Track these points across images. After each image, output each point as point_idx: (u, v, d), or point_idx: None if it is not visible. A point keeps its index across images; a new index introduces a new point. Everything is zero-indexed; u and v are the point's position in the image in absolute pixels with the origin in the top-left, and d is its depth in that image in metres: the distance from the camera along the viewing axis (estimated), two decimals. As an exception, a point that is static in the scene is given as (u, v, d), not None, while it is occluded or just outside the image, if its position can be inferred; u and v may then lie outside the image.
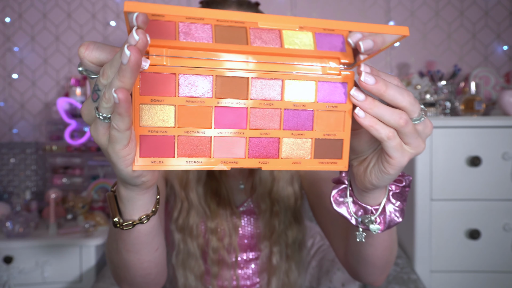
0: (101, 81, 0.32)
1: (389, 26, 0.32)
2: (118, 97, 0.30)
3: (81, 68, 0.35)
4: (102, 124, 0.33)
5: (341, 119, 0.39)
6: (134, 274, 0.54)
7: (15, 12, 1.81)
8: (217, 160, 0.37)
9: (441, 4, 1.80)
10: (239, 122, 0.37)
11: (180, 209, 0.79)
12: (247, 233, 0.84)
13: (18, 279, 1.34)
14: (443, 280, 1.30)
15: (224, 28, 0.36)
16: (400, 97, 0.36)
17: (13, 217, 1.37)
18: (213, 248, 0.79)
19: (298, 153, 0.39)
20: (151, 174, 0.40)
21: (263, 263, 0.84)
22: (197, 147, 0.37)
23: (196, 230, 0.79)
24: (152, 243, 0.51)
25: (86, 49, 0.33)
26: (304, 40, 0.38)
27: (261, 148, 0.38)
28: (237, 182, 0.85)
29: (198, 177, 0.80)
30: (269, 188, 0.81)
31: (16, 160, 1.70)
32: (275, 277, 0.82)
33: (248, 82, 0.37)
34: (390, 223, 0.46)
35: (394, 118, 0.36)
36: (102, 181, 1.61)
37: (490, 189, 1.28)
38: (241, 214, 0.83)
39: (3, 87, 1.82)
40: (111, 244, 0.55)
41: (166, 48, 0.34)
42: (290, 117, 0.38)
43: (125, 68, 0.29)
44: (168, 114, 0.36)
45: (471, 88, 1.46)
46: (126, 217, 0.44)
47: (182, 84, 0.35)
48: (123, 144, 0.33)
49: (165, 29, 0.35)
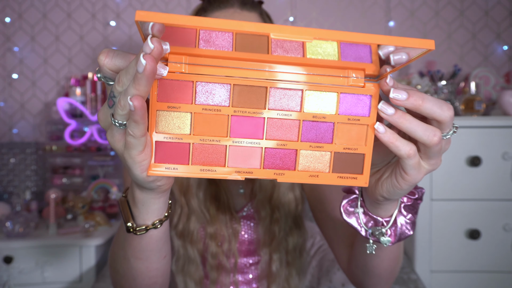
0: (116, 88, 0.33)
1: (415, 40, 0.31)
2: (134, 105, 0.30)
3: (99, 75, 0.35)
4: (118, 131, 0.34)
5: (363, 133, 0.38)
6: (140, 283, 0.53)
7: (15, 12, 1.81)
8: (231, 170, 0.37)
9: (441, 4, 1.80)
10: (255, 132, 0.36)
11: (180, 214, 0.78)
12: (247, 238, 0.82)
13: (18, 279, 1.34)
14: (443, 280, 1.30)
15: (245, 36, 0.36)
16: (439, 110, 0.34)
17: (13, 217, 1.37)
18: (212, 253, 0.78)
19: (316, 166, 0.38)
20: (166, 178, 0.39)
21: (263, 269, 0.83)
22: (212, 156, 0.36)
23: (196, 236, 0.78)
24: (161, 250, 0.50)
25: (106, 56, 0.33)
26: (328, 50, 0.37)
27: (277, 159, 0.37)
28: (237, 186, 0.84)
29: (198, 183, 0.78)
30: (269, 194, 0.80)
31: (16, 160, 1.70)
32: (275, 284, 0.81)
33: (267, 91, 0.36)
34: (401, 236, 0.45)
35: (428, 135, 0.34)
36: (102, 181, 1.61)
37: (490, 189, 1.28)
38: (241, 219, 0.82)
39: (3, 87, 1.82)
40: (118, 252, 0.54)
41: (185, 56, 0.34)
42: (309, 129, 0.37)
43: (141, 76, 0.30)
44: (184, 121, 0.36)
45: (471, 88, 1.46)
46: (139, 222, 0.44)
47: (200, 92, 0.35)
48: (138, 150, 0.34)
49: (186, 36, 0.35)
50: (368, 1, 1.80)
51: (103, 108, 0.36)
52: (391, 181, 0.38)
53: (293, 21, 1.80)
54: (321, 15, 1.80)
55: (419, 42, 0.31)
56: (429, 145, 0.35)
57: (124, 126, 0.33)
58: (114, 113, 0.33)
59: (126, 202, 0.45)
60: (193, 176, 0.36)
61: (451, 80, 1.59)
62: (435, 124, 0.35)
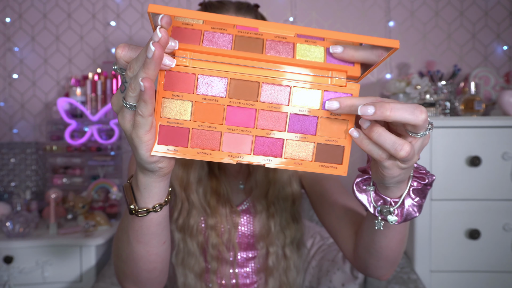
0: (128, 74, 0.37)
1: (380, 39, 0.36)
2: (144, 85, 0.35)
3: (116, 67, 0.40)
4: (128, 112, 0.39)
5: (344, 127, 0.42)
6: (141, 268, 0.57)
7: (15, 12, 1.81)
8: (224, 154, 0.41)
9: (441, 4, 1.80)
10: (247, 121, 0.41)
11: (180, 209, 0.80)
12: (246, 231, 0.84)
13: (18, 279, 1.34)
14: (443, 280, 1.30)
15: (243, 38, 0.41)
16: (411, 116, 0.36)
17: (13, 217, 1.37)
18: (212, 244, 0.80)
19: (300, 154, 0.42)
20: (167, 161, 0.44)
21: (261, 263, 0.85)
22: (208, 140, 0.41)
23: (196, 229, 0.80)
24: (161, 235, 0.54)
25: (122, 50, 0.38)
26: (316, 53, 0.41)
27: (266, 146, 0.41)
28: (237, 182, 0.86)
29: (198, 179, 0.80)
30: (265, 191, 0.82)
31: (16, 160, 1.70)
32: (272, 277, 0.83)
33: (259, 86, 0.41)
34: (407, 216, 0.47)
35: (396, 148, 0.38)
36: (102, 181, 1.61)
37: (490, 189, 1.28)
38: (240, 213, 0.84)
39: (3, 87, 1.83)
40: (122, 237, 0.58)
41: (190, 52, 0.40)
42: (295, 121, 0.41)
43: (150, 61, 0.34)
44: (186, 108, 0.40)
45: (471, 88, 1.46)
46: (141, 204, 0.48)
47: (200, 84, 0.40)
48: (145, 130, 0.38)
49: (193, 36, 0.40)
50: (368, 1, 1.80)
51: (116, 93, 0.41)
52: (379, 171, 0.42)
53: (293, 21, 1.80)
54: (321, 15, 1.80)
55: (384, 41, 0.36)
56: (398, 157, 0.38)
57: (134, 108, 0.38)
58: (125, 96, 0.38)
59: (130, 187, 0.49)
60: (191, 158, 0.41)
61: (451, 80, 1.59)
62: (410, 127, 0.38)
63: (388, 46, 0.37)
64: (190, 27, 0.40)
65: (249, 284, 0.85)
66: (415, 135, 0.38)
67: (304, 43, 0.41)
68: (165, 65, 0.38)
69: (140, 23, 1.82)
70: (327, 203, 0.76)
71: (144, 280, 0.59)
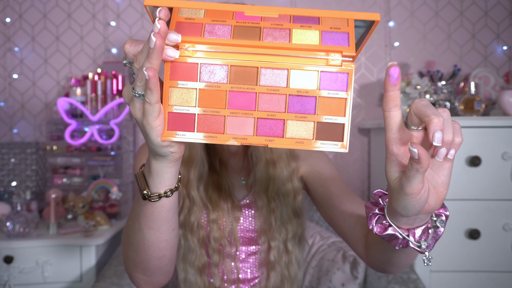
0: (135, 66, 0.41)
1: (359, 13, 0.38)
2: (148, 74, 0.38)
3: (125, 61, 0.43)
4: (137, 101, 0.42)
5: (342, 105, 0.43)
6: (151, 256, 0.60)
7: (16, 12, 1.81)
8: (229, 136, 0.43)
9: (441, 4, 1.80)
10: (249, 105, 0.43)
11: (181, 206, 0.81)
12: (248, 226, 0.85)
13: (18, 279, 1.34)
14: (443, 280, 1.30)
15: (241, 28, 0.43)
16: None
17: (14, 217, 1.37)
18: (214, 237, 0.82)
19: (302, 134, 0.43)
20: (178, 146, 0.47)
21: (262, 257, 0.86)
22: (213, 124, 0.43)
23: (197, 225, 0.81)
24: (171, 221, 0.57)
25: (130, 45, 0.42)
26: (311, 37, 0.43)
27: (267, 128, 0.43)
28: (239, 178, 0.87)
29: (199, 176, 0.81)
30: (265, 186, 0.83)
31: (17, 160, 1.70)
32: (274, 271, 0.84)
33: (258, 71, 0.43)
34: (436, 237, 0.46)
35: None
36: (102, 181, 1.62)
37: (490, 189, 1.28)
38: (242, 207, 0.85)
39: (4, 87, 1.83)
40: (133, 225, 0.60)
41: (192, 43, 0.42)
42: (294, 102, 0.43)
43: (152, 51, 0.37)
44: (191, 95, 0.43)
45: (471, 88, 1.46)
46: (153, 190, 0.51)
47: (203, 72, 0.43)
48: (154, 116, 0.41)
49: (194, 29, 0.43)
50: (368, 1, 1.80)
51: (126, 85, 0.44)
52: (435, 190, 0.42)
53: (293, 21, 1.80)
54: (321, 15, 1.81)
55: (364, 14, 0.38)
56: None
57: (142, 97, 0.41)
58: (134, 86, 0.41)
59: (142, 174, 0.52)
60: (198, 141, 0.43)
61: (450, 80, 1.59)
62: None
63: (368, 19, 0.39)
64: (192, 21, 0.43)
65: (250, 278, 0.86)
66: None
67: (300, 28, 0.43)
68: (170, 56, 0.41)
69: (140, 23, 1.82)
70: (333, 206, 0.76)
71: (153, 268, 0.62)
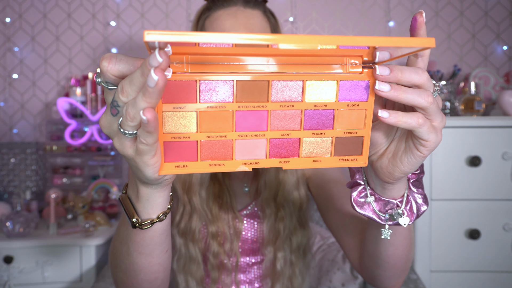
0: (120, 98, 0.32)
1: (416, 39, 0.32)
2: (147, 118, 0.30)
3: (100, 80, 0.34)
4: (127, 139, 0.34)
5: (362, 117, 0.39)
6: (142, 279, 0.53)
7: (15, 12, 1.81)
8: (238, 162, 0.38)
9: (441, 4, 1.80)
10: (259, 125, 0.37)
11: (182, 213, 0.78)
12: (250, 237, 0.82)
13: (18, 279, 1.34)
14: (443, 280, 1.30)
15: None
16: (416, 76, 0.36)
17: (13, 217, 1.37)
18: (213, 253, 0.78)
19: (319, 151, 0.39)
20: None
21: (267, 268, 0.83)
22: (219, 150, 0.37)
23: (198, 234, 0.78)
24: (164, 244, 0.50)
25: (109, 62, 0.32)
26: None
27: (281, 148, 0.38)
28: (241, 184, 0.83)
29: (201, 181, 0.78)
30: (274, 192, 0.79)
31: (16, 160, 1.70)
32: (279, 283, 0.80)
33: (269, 85, 0.36)
34: (418, 212, 0.45)
35: (424, 98, 0.35)
36: (102, 181, 1.62)
37: (490, 189, 1.28)
38: (244, 217, 0.82)
39: (3, 87, 1.83)
40: (120, 248, 0.53)
41: (186, 55, 0.34)
42: (310, 117, 0.38)
43: (153, 90, 0.29)
44: (190, 120, 0.36)
45: (471, 88, 1.46)
46: (144, 216, 0.44)
47: (203, 90, 0.35)
48: (151, 155, 0.34)
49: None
50: (368, 1, 1.80)
51: (106, 115, 0.35)
52: (412, 152, 0.39)
53: (293, 21, 1.80)
54: (321, 15, 1.80)
55: (420, 41, 0.32)
56: (427, 106, 0.36)
57: (134, 135, 0.33)
58: (122, 123, 0.33)
59: (128, 198, 0.44)
60: (203, 172, 0.37)
61: (451, 80, 1.59)
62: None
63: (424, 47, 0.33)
64: None
65: None
66: None
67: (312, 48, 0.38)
68: None
69: (140, 23, 1.82)
70: (334, 209, 0.73)
71: None
